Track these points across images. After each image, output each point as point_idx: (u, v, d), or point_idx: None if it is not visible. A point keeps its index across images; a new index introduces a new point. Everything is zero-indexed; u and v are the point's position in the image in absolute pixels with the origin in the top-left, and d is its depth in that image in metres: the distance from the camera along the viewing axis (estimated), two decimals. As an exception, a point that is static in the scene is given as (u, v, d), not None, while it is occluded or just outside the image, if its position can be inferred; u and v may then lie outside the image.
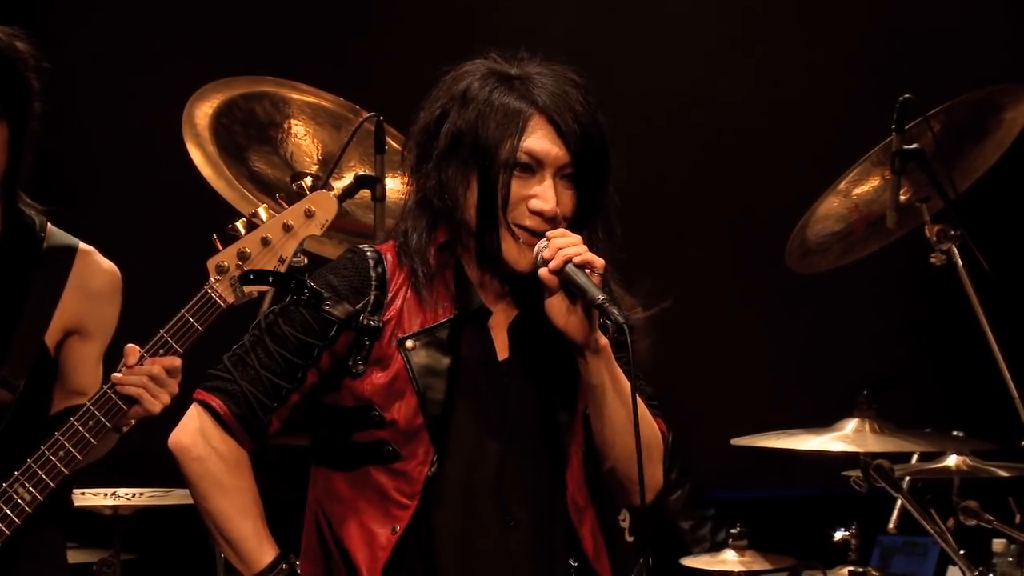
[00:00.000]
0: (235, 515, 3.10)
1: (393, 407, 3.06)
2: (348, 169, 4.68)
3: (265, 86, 4.76)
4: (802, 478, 6.23)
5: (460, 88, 3.09)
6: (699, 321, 6.34)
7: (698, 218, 6.59)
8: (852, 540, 5.04)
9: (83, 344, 3.55)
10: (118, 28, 6.51)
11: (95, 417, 3.33)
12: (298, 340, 3.09)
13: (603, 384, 3.07)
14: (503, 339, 3.15)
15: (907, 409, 5.32)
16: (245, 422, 3.10)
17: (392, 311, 3.09)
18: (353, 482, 3.10)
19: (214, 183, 4.73)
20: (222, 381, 3.12)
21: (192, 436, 3.12)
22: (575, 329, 3.04)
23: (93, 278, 3.56)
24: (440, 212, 3.09)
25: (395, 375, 3.07)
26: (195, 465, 3.11)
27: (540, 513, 3.12)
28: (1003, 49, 6.40)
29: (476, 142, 3.05)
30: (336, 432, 3.12)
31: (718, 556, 5.45)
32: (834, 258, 5.10)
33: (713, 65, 6.67)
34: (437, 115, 3.11)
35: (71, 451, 3.33)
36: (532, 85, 3.08)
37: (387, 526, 3.05)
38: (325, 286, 3.09)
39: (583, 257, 3.01)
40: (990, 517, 4.87)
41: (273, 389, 3.10)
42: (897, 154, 4.66)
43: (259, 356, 3.11)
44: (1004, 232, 5.97)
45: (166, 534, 5.64)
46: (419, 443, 3.06)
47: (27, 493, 3.33)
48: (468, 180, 3.06)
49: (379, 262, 3.12)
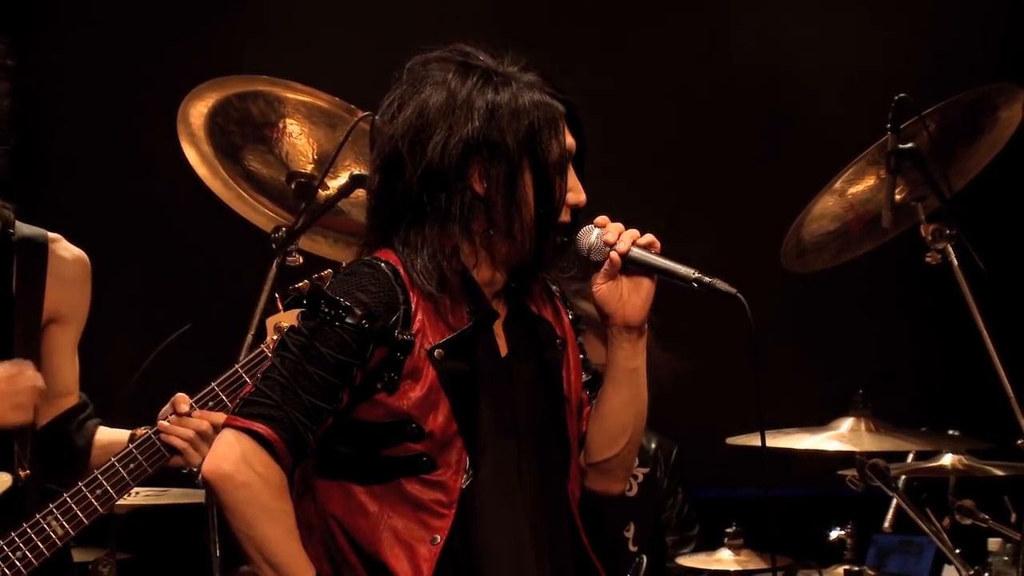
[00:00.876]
0: (283, 539, 3.03)
1: (429, 418, 3.05)
2: (343, 168, 4.68)
3: (260, 85, 4.76)
4: (798, 477, 6.22)
5: (481, 100, 3.05)
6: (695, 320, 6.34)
7: (694, 217, 6.58)
8: (848, 539, 5.04)
9: (60, 331, 3.55)
10: (114, 27, 6.51)
11: (137, 460, 3.35)
12: (337, 360, 3.02)
13: (639, 368, 3.16)
14: (501, 337, 3.16)
15: (903, 408, 5.32)
16: (292, 447, 3.03)
17: (417, 323, 3.06)
18: (381, 495, 3.07)
19: (209, 182, 4.73)
20: (263, 407, 3.02)
21: (235, 463, 3.00)
22: (634, 312, 3.13)
23: (65, 265, 3.56)
24: (487, 222, 3.07)
25: (430, 387, 3.05)
26: (240, 492, 3.01)
27: (549, 506, 3.14)
28: (998, 48, 6.40)
29: (530, 148, 3.04)
30: (364, 447, 3.08)
31: (714, 555, 5.46)
32: (830, 257, 5.10)
33: (710, 64, 6.67)
34: (473, 130, 3.04)
35: (108, 491, 3.35)
36: (542, 80, 3.10)
37: (425, 536, 3.04)
38: (356, 303, 3.03)
39: (647, 238, 3.10)
40: (986, 516, 4.88)
41: (316, 412, 3.03)
42: (892, 153, 4.66)
43: (298, 380, 3.02)
44: (999, 231, 5.97)
45: (162, 533, 5.64)
46: (452, 451, 3.06)
47: (60, 527, 3.35)
48: (517, 187, 3.05)
49: (396, 273, 3.08)
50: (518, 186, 3.05)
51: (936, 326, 6.11)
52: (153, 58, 6.42)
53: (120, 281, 3.76)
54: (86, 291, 3.60)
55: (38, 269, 3.49)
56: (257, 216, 4.77)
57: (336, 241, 4.73)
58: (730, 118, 6.67)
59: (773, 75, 6.65)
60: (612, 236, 3.10)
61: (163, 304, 3.64)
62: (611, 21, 6.72)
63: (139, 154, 6.29)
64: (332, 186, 4.71)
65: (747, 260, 6.30)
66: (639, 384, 3.21)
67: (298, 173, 4.72)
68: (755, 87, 6.66)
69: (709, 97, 6.69)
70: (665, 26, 6.71)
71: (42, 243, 3.51)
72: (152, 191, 6.29)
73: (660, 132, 6.66)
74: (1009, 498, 5.00)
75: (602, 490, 3.27)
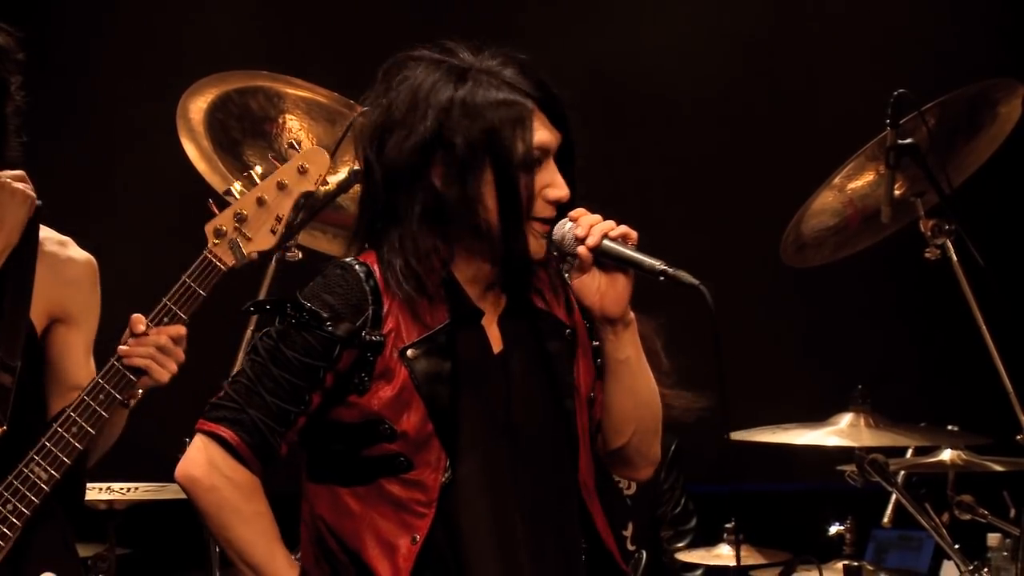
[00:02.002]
0: (257, 541, 3.06)
1: (402, 418, 3.04)
2: (343, 164, 4.68)
3: (260, 81, 4.75)
4: (797, 472, 6.23)
5: (439, 98, 3.04)
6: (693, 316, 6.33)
7: (692, 213, 6.59)
8: (847, 534, 5.04)
9: (69, 332, 3.54)
10: (112, 23, 6.51)
11: (105, 390, 3.35)
12: (302, 363, 3.04)
13: (630, 358, 3.12)
14: (495, 332, 3.14)
15: (902, 403, 5.32)
16: (257, 450, 3.05)
17: (390, 323, 3.06)
18: (364, 496, 3.07)
19: (209, 178, 4.73)
20: (228, 411, 3.06)
21: (202, 467, 3.05)
22: (612, 304, 3.09)
23: (74, 266, 3.56)
24: (447, 222, 3.06)
25: (401, 386, 3.04)
26: (209, 496, 3.05)
27: (553, 500, 3.12)
28: (997, 43, 6.40)
29: (488, 147, 3.02)
30: (344, 449, 3.08)
31: (712, 550, 5.46)
32: (829, 253, 5.10)
33: (709, 61, 6.67)
34: (427, 128, 3.04)
35: (83, 426, 3.34)
36: (519, 75, 3.07)
37: (406, 536, 3.03)
38: (322, 306, 3.04)
39: (620, 230, 3.05)
40: (985, 511, 4.88)
41: (281, 415, 3.05)
42: (892, 149, 4.65)
43: (264, 383, 3.04)
44: (999, 227, 5.98)
45: (161, 529, 5.64)
46: (430, 450, 3.05)
47: (43, 472, 3.34)
48: (482, 186, 3.04)
49: (369, 275, 3.08)
50: (472, 184, 3.03)
51: (935, 321, 6.11)
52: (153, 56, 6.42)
53: (116, 276, 3.75)
54: (95, 292, 3.60)
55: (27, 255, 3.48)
56: (256, 211, 4.77)
57: (335, 236, 4.73)
58: (730, 113, 6.66)
59: (772, 72, 6.66)
60: (582, 230, 3.05)
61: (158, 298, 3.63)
62: (605, 15, 6.72)
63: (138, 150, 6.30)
64: (331, 181, 4.70)
65: (746, 255, 6.32)
66: (632, 375, 3.16)
67: (296, 169, 4.72)
68: (755, 83, 6.66)
69: (709, 92, 6.69)
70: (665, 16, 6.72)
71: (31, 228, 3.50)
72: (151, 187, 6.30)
73: (660, 128, 6.65)
74: (1008, 493, 5.00)
75: (627, 476, 3.28)
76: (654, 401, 3.20)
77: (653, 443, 3.23)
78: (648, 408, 3.20)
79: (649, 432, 3.21)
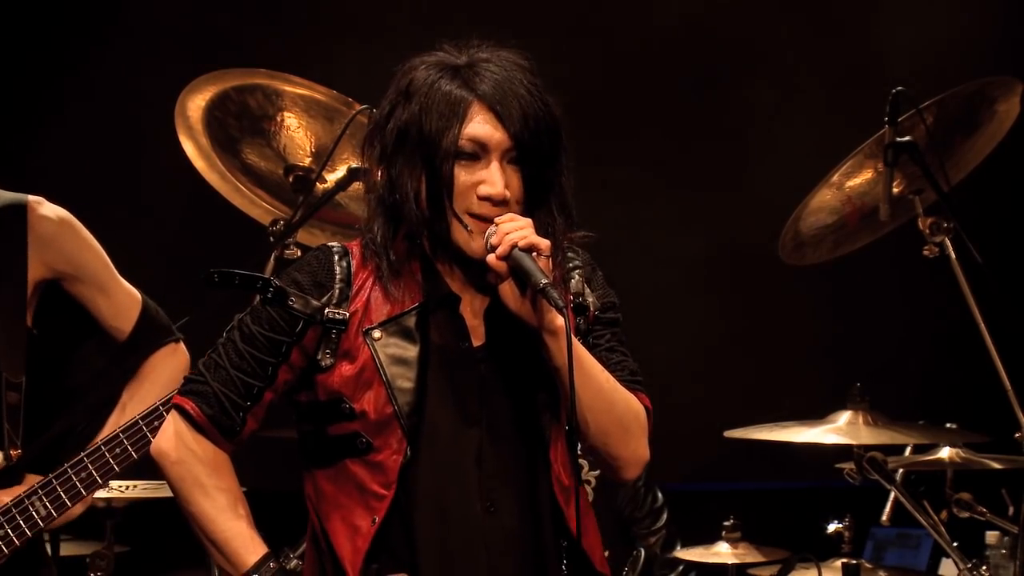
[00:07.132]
0: (217, 516, 3.11)
1: (363, 398, 3.07)
2: (341, 162, 4.68)
3: (258, 78, 4.76)
4: (796, 470, 6.23)
5: (404, 83, 3.11)
6: (693, 313, 6.34)
7: (691, 211, 6.59)
8: (845, 532, 5.04)
9: (74, 285, 3.54)
10: (112, 21, 6.50)
11: (123, 445, 3.36)
12: (266, 338, 3.11)
13: (562, 367, 3.06)
14: (479, 326, 3.15)
15: (900, 401, 5.32)
16: (217, 422, 3.12)
17: (358, 303, 3.11)
18: (334, 478, 3.11)
19: (207, 175, 4.73)
20: (195, 384, 3.14)
21: (170, 440, 3.13)
22: (528, 314, 3.06)
23: (48, 224, 3.53)
24: (394, 207, 3.10)
25: (362, 366, 3.08)
26: (175, 468, 3.13)
27: (524, 497, 3.12)
28: (996, 41, 6.40)
29: (420, 134, 3.06)
30: (314, 429, 3.13)
31: (712, 548, 5.46)
32: (827, 250, 5.10)
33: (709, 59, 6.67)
34: (386, 112, 3.13)
35: (93, 474, 3.35)
36: (475, 73, 3.09)
37: (367, 518, 3.06)
38: (290, 283, 3.11)
39: (528, 240, 3.01)
40: (983, 509, 4.87)
41: (245, 388, 3.11)
42: (890, 146, 4.65)
43: (230, 356, 3.13)
44: (997, 224, 5.97)
45: (159, 527, 5.62)
46: (391, 433, 3.07)
47: (43, 508, 3.35)
48: (417, 173, 3.08)
49: (344, 256, 3.15)
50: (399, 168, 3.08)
51: (934, 319, 6.11)
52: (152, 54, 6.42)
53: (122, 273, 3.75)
54: (79, 242, 3.57)
55: (17, 233, 3.47)
56: (255, 209, 4.78)
57: (334, 234, 4.74)
58: (728, 113, 6.67)
59: (771, 71, 6.66)
60: (496, 238, 3.03)
61: (160, 297, 3.63)
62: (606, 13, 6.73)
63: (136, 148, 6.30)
64: (330, 179, 4.71)
65: (745, 254, 6.32)
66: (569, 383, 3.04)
67: (296, 166, 4.73)
68: (754, 82, 6.66)
69: (706, 92, 6.69)
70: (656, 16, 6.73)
71: (21, 206, 3.49)
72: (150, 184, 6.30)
73: (658, 125, 6.66)
74: (1007, 491, 5.00)
75: (614, 477, 3.26)
76: (606, 403, 3.12)
77: (620, 444, 3.16)
78: (597, 412, 3.12)
79: (611, 434, 3.14)
